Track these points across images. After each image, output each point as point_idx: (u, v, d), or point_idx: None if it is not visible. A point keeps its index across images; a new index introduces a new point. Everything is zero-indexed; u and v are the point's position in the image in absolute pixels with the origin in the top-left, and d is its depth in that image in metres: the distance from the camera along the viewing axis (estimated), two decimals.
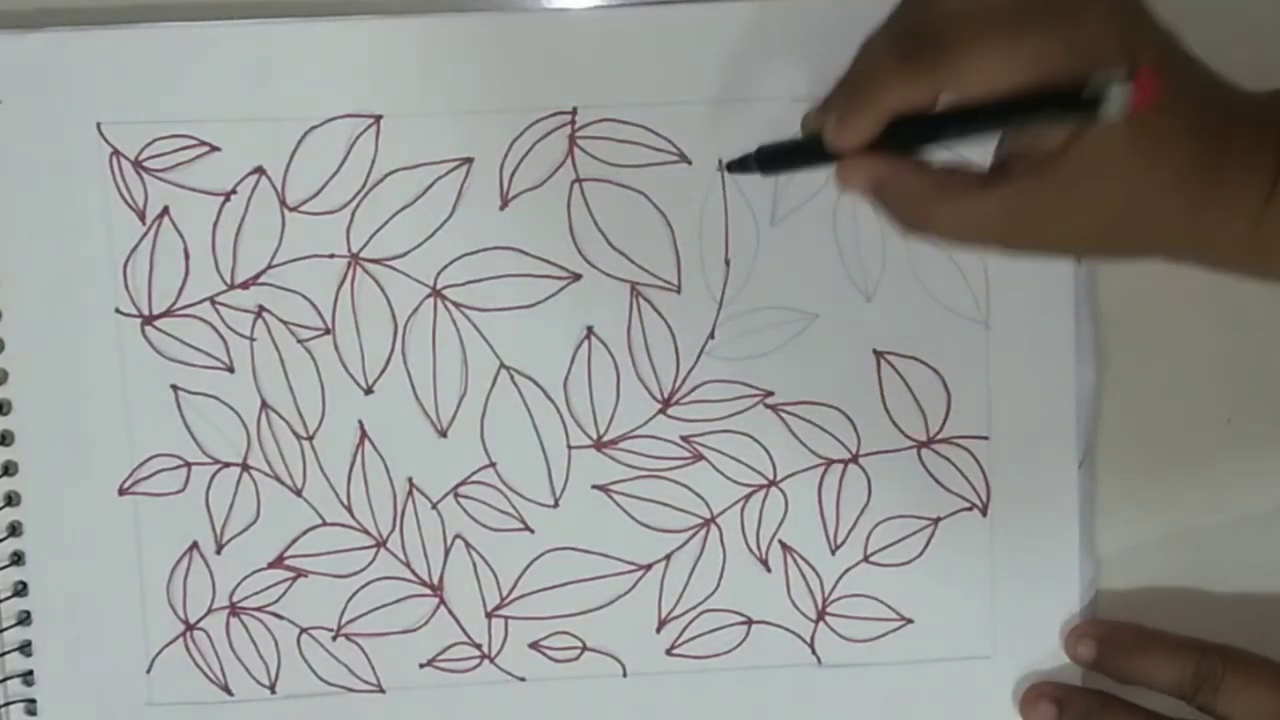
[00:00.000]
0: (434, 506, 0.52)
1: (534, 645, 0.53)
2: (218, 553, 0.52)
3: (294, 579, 0.53)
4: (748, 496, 0.53)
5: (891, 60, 0.42)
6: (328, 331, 0.52)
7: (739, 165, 0.49)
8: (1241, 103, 0.43)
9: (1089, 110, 0.39)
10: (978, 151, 0.45)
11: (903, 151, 0.43)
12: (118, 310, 0.51)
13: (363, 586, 0.53)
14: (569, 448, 0.52)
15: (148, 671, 0.53)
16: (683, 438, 0.52)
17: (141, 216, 0.51)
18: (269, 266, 0.51)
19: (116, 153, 0.50)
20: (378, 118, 0.50)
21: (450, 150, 0.51)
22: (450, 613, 0.53)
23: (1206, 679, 0.49)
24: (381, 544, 0.53)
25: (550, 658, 0.53)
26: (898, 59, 0.42)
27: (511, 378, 0.52)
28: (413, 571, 0.53)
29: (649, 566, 0.53)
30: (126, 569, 0.52)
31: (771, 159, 0.48)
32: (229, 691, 0.53)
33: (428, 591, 0.53)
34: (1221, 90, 0.43)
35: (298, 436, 0.52)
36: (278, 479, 0.52)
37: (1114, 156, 0.41)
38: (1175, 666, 0.50)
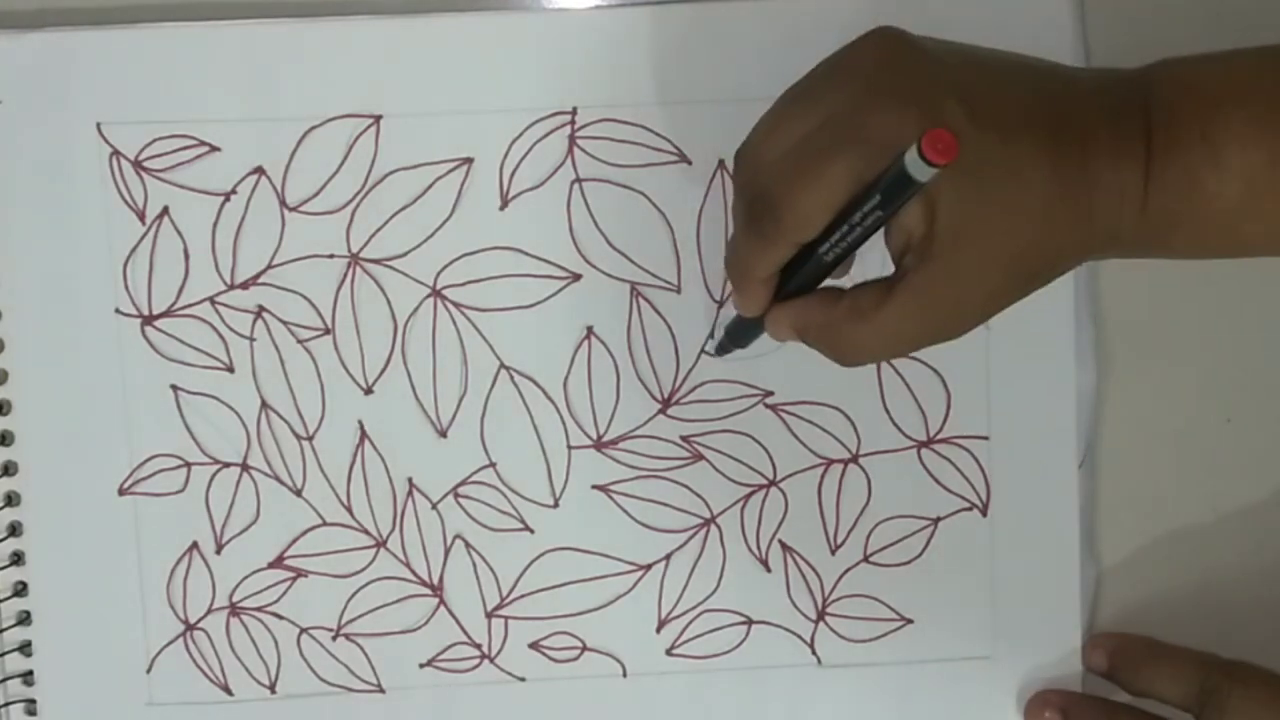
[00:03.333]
0: (434, 507, 0.52)
1: (534, 645, 0.53)
2: (218, 553, 0.52)
3: (294, 579, 0.53)
4: (748, 496, 0.53)
5: (743, 232, 0.44)
6: (328, 331, 0.52)
7: (721, 349, 0.51)
8: (1089, 96, 0.43)
9: (906, 187, 0.39)
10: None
11: (805, 290, 0.45)
12: (118, 310, 0.51)
13: (363, 586, 0.53)
14: (569, 448, 0.52)
15: (148, 671, 0.53)
16: (683, 438, 0.52)
17: (141, 217, 0.51)
18: (269, 266, 0.51)
19: (116, 153, 0.50)
20: (378, 118, 0.50)
21: (450, 150, 0.51)
22: (450, 613, 0.53)
23: (1212, 695, 0.49)
24: (381, 544, 0.53)
25: (550, 658, 0.53)
26: (746, 231, 0.44)
27: (511, 378, 0.52)
28: (413, 571, 0.53)
29: (649, 566, 0.53)
30: (126, 569, 0.52)
31: (734, 337, 0.50)
32: (229, 691, 0.53)
33: (428, 591, 0.53)
34: (1064, 93, 0.43)
35: (298, 436, 0.52)
36: (278, 479, 0.52)
37: (977, 211, 0.41)
38: (1182, 682, 0.50)
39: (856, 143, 0.41)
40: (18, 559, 0.52)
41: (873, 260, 0.47)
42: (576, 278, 0.52)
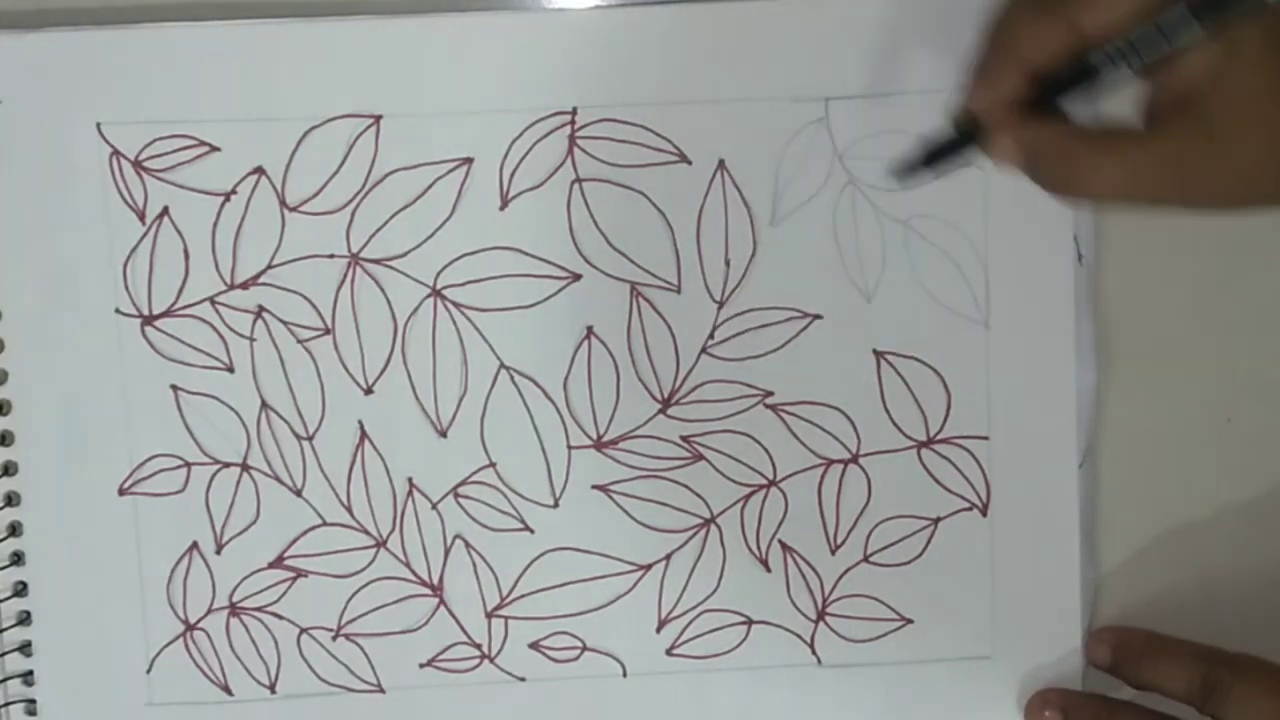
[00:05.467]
0: (434, 506, 0.52)
1: (534, 645, 0.53)
2: (218, 553, 0.52)
3: (294, 579, 0.53)
4: (748, 496, 0.53)
5: (1026, 8, 0.40)
6: (328, 331, 0.52)
7: (905, 172, 0.45)
8: None
9: (1251, 3, 0.36)
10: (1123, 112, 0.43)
11: (1052, 112, 0.41)
12: (118, 310, 0.51)
13: (363, 586, 0.53)
14: (569, 448, 0.52)
15: (148, 671, 0.53)
16: (683, 438, 0.52)
17: (141, 216, 0.51)
18: (269, 266, 0.51)
19: (116, 153, 0.50)
20: (378, 118, 0.50)
21: (450, 150, 0.51)
22: (450, 613, 0.53)
23: (1215, 688, 0.49)
24: (381, 544, 0.53)
25: (550, 658, 0.53)
26: (1032, 5, 0.40)
27: (511, 378, 0.52)
28: (413, 571, 0.53)
29: (649, 566, 0.53)
30: (126, 569, 0.52)
31: (935, 155, 0.45)
32: (229, 691, 0.53)
33: (428, 591, 0.53)
34: None
35: (298, 436, 0.52)
36: (278, 479, 0.52)
37: (1264, 84, 0.38)
38: (1185, 675, 0.50)
39: None
40: (18, 559, 0.52)
41: None
42: (576, 278, 0.52)
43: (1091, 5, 0.39)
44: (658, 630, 0.53)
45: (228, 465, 0.52)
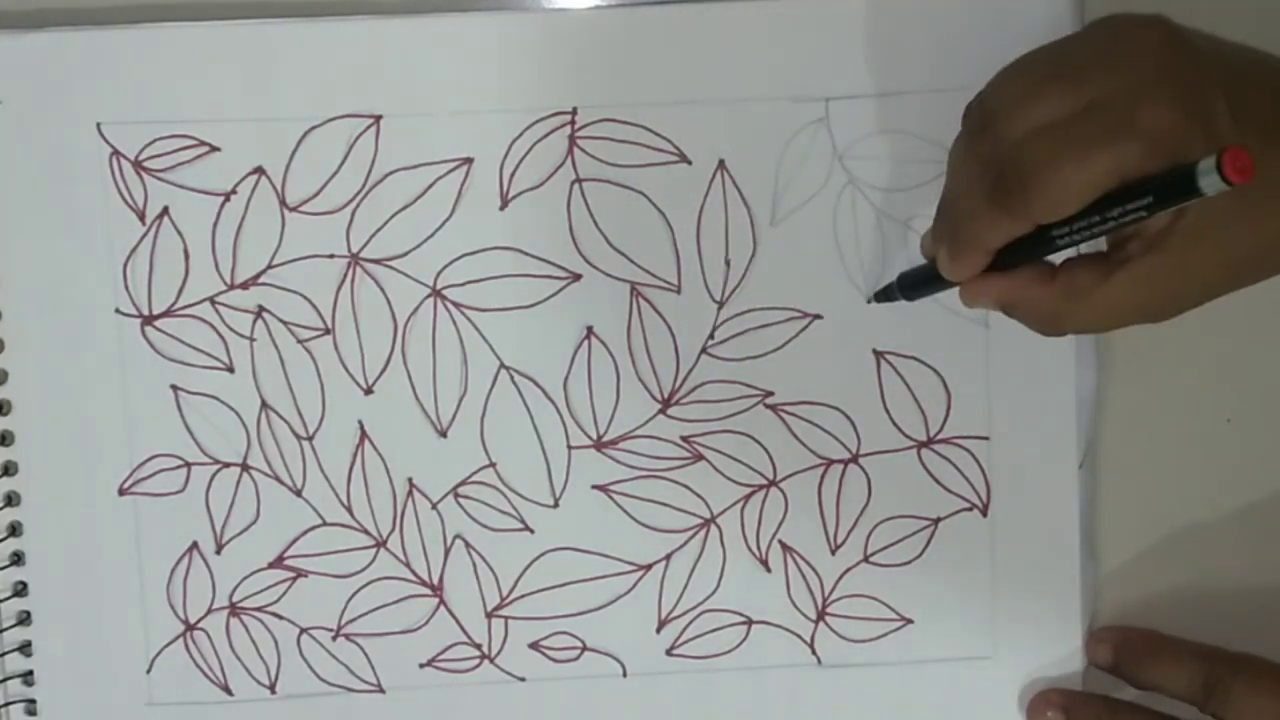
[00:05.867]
0: (434, 506, 0.52)
1: (534, 645, 0.53)
2: (218, 553, 0.52)
3: (294, 579, 0.53)
4: (748, 496, 0.53)
5: (983, 203, 0.43)
6: (328, 331, 0.52)
7: (884, 295, 0.51)
8: None
9: (1186, 195, 0.38)
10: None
11: (1019, 264, 0.44)
12: (118, 310, 0.51)
13: (363, 586, 0.53)
14: (569, 448, 0.52)
15: (148, 671, 0.53)
16: (683, 438, 0.52)
17: (141, 216, 0.51)
18: (269, 266, 0.51)
19: (116, 153, 0.50)
20: (378, 118, 0.50)
21: (450, 150, 0.51)
22: (450, 613, 0.53)
23: (1217, 687, 0.50)
24: (381, 544, 0.53)
25: (550, 658, 0.53)
26: (988, 203, 0.42)
27: (511, 378, 0.52)
28: (413, 571, 0.53)
29: (649, 566, 0.53)
30: (126, 569, 0.52)
31: (911, 285, 0.49)
32: (229, 691, 0.53)
33: (428, 591, 0.53)
34: None
35: (298, 436, 0.52)
36: (278, 479, 0.52)
37: (1223, 218, 0.41)
38: (1186, 674, 0.50)
39: (1128, 136, 0.40)
40: (18, 559, 0.52)
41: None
42: (576, 278, 0.52)
43: (1048, 208, 0.41)
44: (658, 630, 0.53)
45: (228, 465, 0.52)
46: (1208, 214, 0.41)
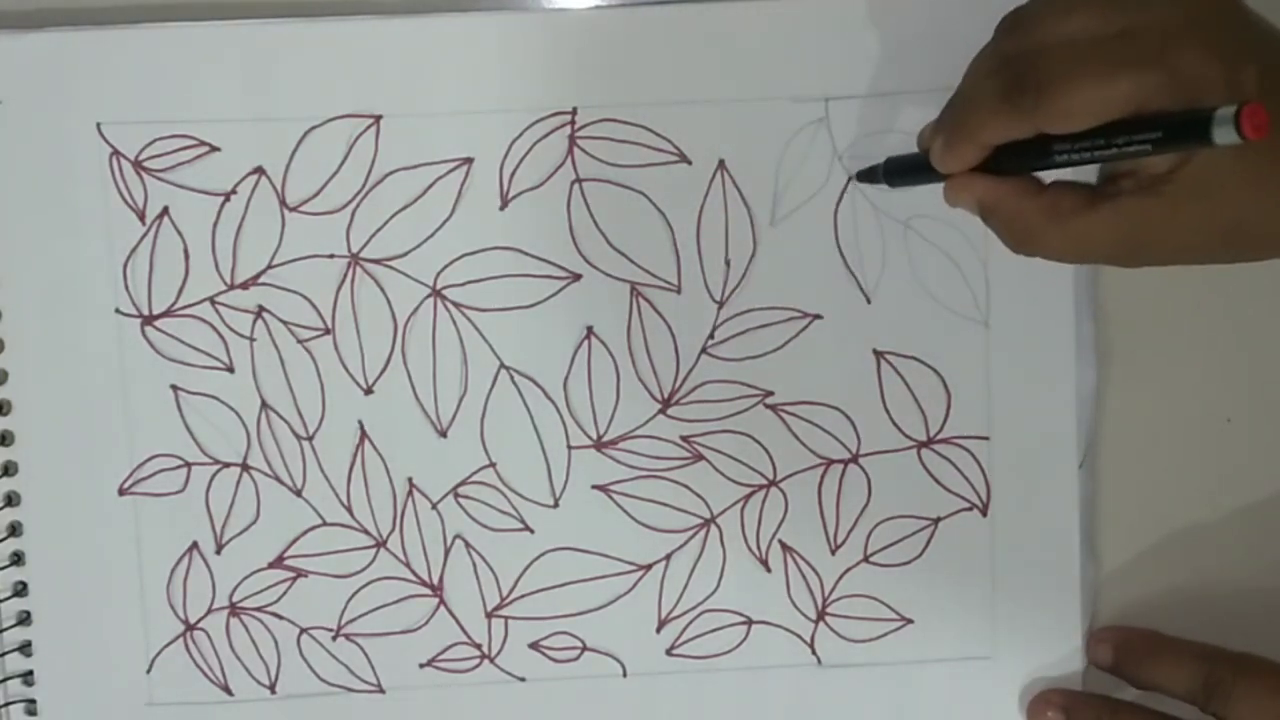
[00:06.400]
0: (434, 506, 0.52)
1: (534, 645, 0.53)
2: (218, 553, 0.52)
3: (294, 579, 0.53)
4: (748, 496, 0.53)
5: (993, 96, 0.42)
6: (328, 331, 0.52)
7: (866, 175, 0.50)
8: None
9: (1196, 140, 0.38)
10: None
11: (1009, 173, 0.44)
12: (118, 310, 0.51)
13: (363, 586, 0.53)
14: (569, 448, 0.52)
15: (148, 671, 0.53)
16: (683, 438, 0.52)
17: (141, 216, 0.51)
18: (269, 266, 0.51)
19: (116, 153, 0.50)
20: (378, 118, 0.50)
21: (450, 150, 0.51)
22: (450, 613, 0.53)
23: (1217, 687, 0.50)
24: (381, 544, 0.53)
25: (550, 658, 0.53)
26: (999, 96, 0.42)
27: (511, 378, 0.52)
28: (413, 571, 0.53)
29: (649, 566, 0.53)
30: (126, 569, 0.52)
31: (897, 171, 0.49)
32: (229, 691, 0.53)
33: (428, 591, 0.53)
34: None
35: (298, 436, 0.52)
36: (278, 479, 0.52)
37: (1223, 178, 0.41)
38: (1187, 674, 0.50)
39: (1155, 68, 0.40)
40: (18, 559, 0.52)
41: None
42: (576, 278, 0.52)
43: (1057, 116, 0.41)
44: (658, 630, 0.53)
45: (228, 465, 0.52)
46: (1208, 171, 0.41)
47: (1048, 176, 0.44)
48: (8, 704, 0.52)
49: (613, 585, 0.53)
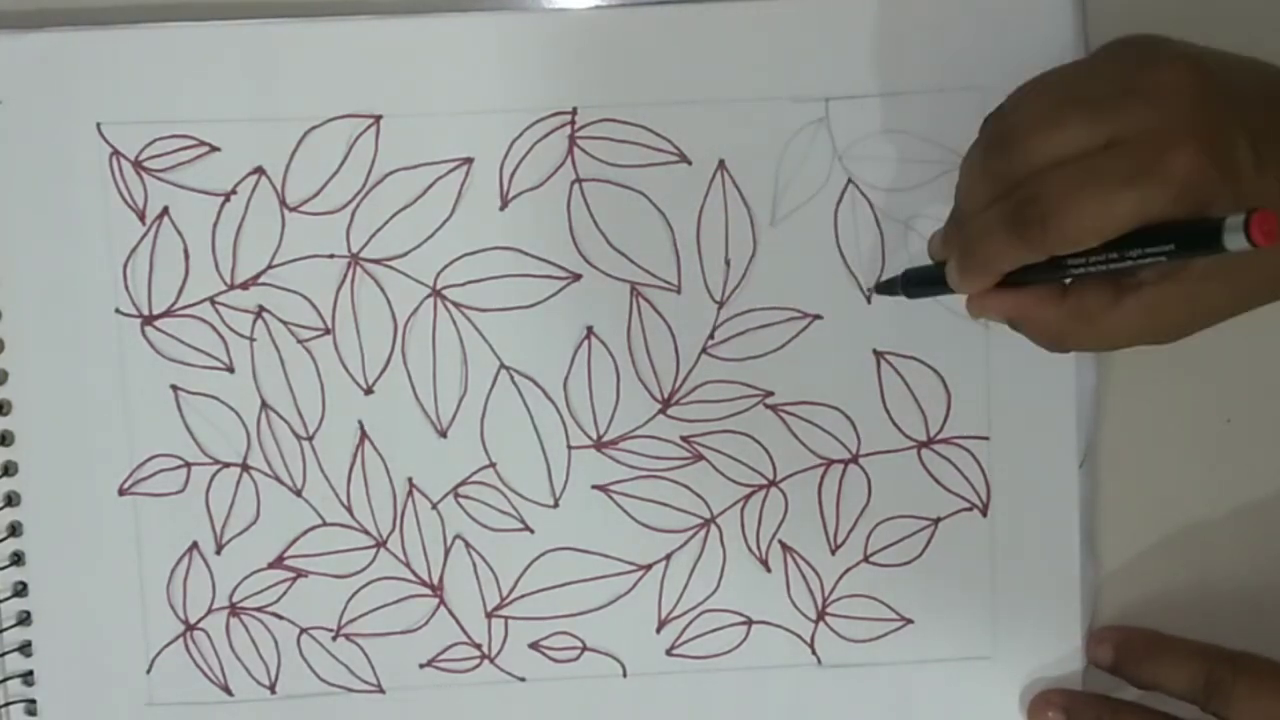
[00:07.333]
0: (434, 506, 0.52)
1: (534, 645, 0.53)
2: (218, 553, 0.52)
3: (294, 579, 0.53)
4: (748, 496, 0.53)
5: (1001, 229, 0.43)
6: (328, 331, 0.52)
7: (885, 288, 0.51)
8: None
9: (1208, 248, 0.39)
10: None
11: (1030, 282, 0.44)
12: (118, 310, 0.51)
13: (363, 586, 0.53)
14: (569, 448, 0.52)
15: (148, 671, 0.53)
16: (683, 438, 0.52)
17: (141, 217, 0.51)
18: (269, 266, 0.51)
19: (116, 153, 0.50)
20: (378, 118, 0.50)
21: (450, 150, 0.51)
22: (450, 613, 0.53)
23: (1218, 686, 0.50)
24: (381, 544, 0.53)
25: (550, 658, 0.53)
26: (1006, 229, 0.42)
27: (511, 378, 0.52)
28: (413, 571, 0.53)
29: (649, 566, 0.53)
30: (126, 569, 0.52)
31: (915, 283, 0.50)
32: (229, 691, 0.53)
33: (428, 591, 0.53)
34: None
35: (298, 436, 0.52)
36: (278, 479, 0.52)
37: (1238, 259, 0.41)
38: (1187, 674, 0.50)
39: (1154, 180, 0.40)
40: (18, 559, 0.52)
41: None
42: (576, 278, 0.52)
43: (1066, 243, 0.41)
44: (658, 630, 0.53)
45: (228, 465, 0.52)
46: (1221, 259, 0.41)
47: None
48: (8, 704, 0.53)
49: (613, 585, 0.53)
